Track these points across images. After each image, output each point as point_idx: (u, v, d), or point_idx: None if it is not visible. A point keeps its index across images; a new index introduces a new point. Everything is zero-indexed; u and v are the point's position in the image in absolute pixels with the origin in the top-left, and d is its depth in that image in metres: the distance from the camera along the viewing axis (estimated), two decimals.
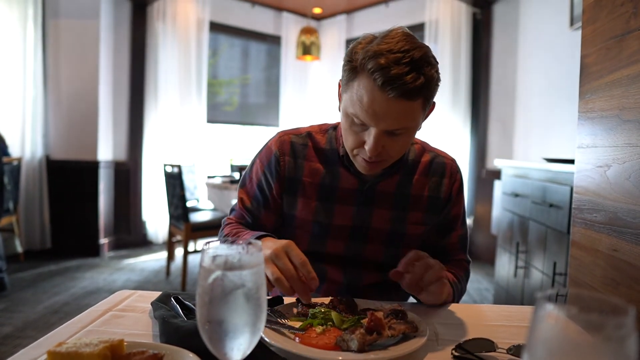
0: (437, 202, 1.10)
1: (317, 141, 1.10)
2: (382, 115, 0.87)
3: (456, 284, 1.05)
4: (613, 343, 0.34)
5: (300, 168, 1.08)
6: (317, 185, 1.08)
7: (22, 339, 2.44)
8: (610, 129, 0.97)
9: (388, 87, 0.83)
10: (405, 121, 0.89)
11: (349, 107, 0.91)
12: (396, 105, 0.85)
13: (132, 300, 0.95)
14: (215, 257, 0.53)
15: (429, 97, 0.91)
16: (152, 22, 4.72)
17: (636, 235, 0.87)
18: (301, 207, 1.08)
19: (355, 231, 1.08)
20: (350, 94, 0.90)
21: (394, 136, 0.91)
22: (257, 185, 1.12)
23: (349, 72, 0.90)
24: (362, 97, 0.87)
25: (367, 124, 0.89)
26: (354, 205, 1.07)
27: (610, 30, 0.99)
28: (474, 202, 4.67)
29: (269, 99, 5.78)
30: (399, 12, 5.08)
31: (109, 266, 4.04)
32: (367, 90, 0.86)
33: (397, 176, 1.08)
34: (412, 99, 0.85)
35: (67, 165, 4.30)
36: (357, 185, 1.06)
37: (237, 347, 0.51)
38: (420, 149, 1.13)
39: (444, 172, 1.11)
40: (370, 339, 0.70)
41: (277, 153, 1.09)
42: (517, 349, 0.71)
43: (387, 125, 0.88)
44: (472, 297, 3.41)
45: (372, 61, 0.84)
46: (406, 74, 0.83)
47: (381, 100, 0.85)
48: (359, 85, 0.88)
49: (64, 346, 0.59)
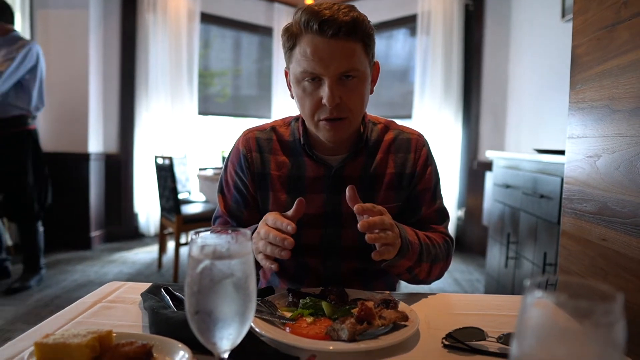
0: (403, 178, 1.10)
1: (281, 134, 1.12)
2: (328, 59, 0.92)
3: (427, 245, 1.01)
4: (601, 329, 0.34)
5: (267, 162, 1.10)
6: (285, 177, 1.09)
7: (12, 332, 2.42)
8: (600, 119, 0.98)
9: (325, 27, 0.90)
10: (352, 62, 0.93)
11: (297, 68, 0.96)
12: (338, 45, 0.92)
13: (122, 292, 0.94)
14: (204, 246, 0.52)
15: (367, 41, 0.96)
16: (143, 13, 4.65)
17: (625, 224, 0.87)
18: (273, 201, 1.10)
19: (329, 218, 1.08)
20: (295, 60, 0.97)
21: (347, 83, 0.95)
22: (234, 187, 1.13)
23: (289, 41, 0.97)
24: (306, 52, 0.93)
25: (317, 74, 0.94)
26: (323, 193, 1.08)
27: (600, 20, 0.99)
28: (466, 194, 4.69)
29: (261, 91, 5.74)
30: (391, 3, 5.06)
31: (100, 259, 4.02)
32: (307, 42, 0.93)
33: (362, 158, 1.09)
34: (349, 37, 0.92)
35: (57, 158, 4.24)
36: (323, 172, 1.07)
37: (227, 337, 0.51)
38: (384, 127, 1.14)
39: (409, 148, 1.11)
40: (360, 328, 0.70)
41: (243, 151, 1.11)
42: (506, 338, 0.71)
43: (336, 68, 0.92)
44: (463, 288, 3.44)
45: (305, 14, 0.93)
46: (337, 12, 0.91)
47: (322, 44, 0.92)
48: (300, 44, 0.95)
49: (52, 337, 0.58)
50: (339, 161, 1.07)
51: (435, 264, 1.04)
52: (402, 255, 0.93)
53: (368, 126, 1.11)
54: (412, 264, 0.97)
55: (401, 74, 5.25)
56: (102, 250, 4.31)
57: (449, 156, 4.57)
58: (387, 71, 5.33)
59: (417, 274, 1.02)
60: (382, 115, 1.19)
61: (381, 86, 5.25)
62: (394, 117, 5.04)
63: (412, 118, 4.74)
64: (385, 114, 5.14)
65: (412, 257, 0.96)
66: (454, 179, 4.62)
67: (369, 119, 1.13)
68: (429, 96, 4.61)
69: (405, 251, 0.93)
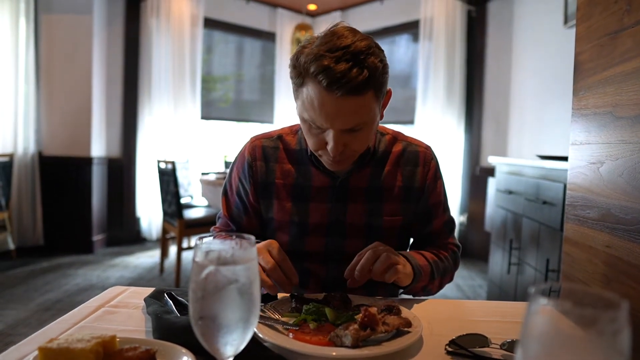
0: (412, 192, 1.10)
1: (288, 142, 1.12)
2: (335, 116, 0.87)
3: (436, 262, 1.06)
4: (606, 337, 0.34)
5: (272, 171, 1.10)
6: (290, 186, 1.09)
7: (14, 336, 2.42)
8: (603, 126, 0.98)
9: (334, 87, 0.83)
10: (359, 117, 0.89)
11: (304, 113, 0.92)
12: (347, 103, 0.86)
13: (125, 297, 0.94)
14: (208, 252, 0.52)
15: (379, 87, 0.90)
16: (146, 18, 4.68)
17: (629, 231, 0.87)
18: (277, 209, 1.10)
19: (332, 227, 1.08)
20: (301, 99, 0.91)
21: (353, 132, 0.91)
22: (237, 193, 1.15)
23: (296, 78, 0.91)
24: (313, 102, 0.87)
25: (322, 127, 0.90)
26: (328, 202, 1.08)
27: (603, 27, 0.99)
28: (468, 200, 4.68)
29: (264, 96, 5.76)
30: (394, 9, 5.07)
31: (102, 263, 4.02)
32: (315, 93, 0.87)
33: (369, 169, 1.08)
34: (360, 93, 0.86)
35: (60, 162, 4.26)
36: (329, 182, 1.07)
37: (230, 342, 0.51)
38: (392, 139, 1.13)
39: (417, 161, 1.10)
40: (363, 334, 0.70)
41: (249, 159, 1.11)
42: (510, 345, 0.71)
43: (342, 125, 0.88)
44: (465, 294, 3.43)
45: (315, 64, 0.84)
46: (349, 70, 0.83)
47: (331, 101, 0.85)
48: (307, 90, 0.88)
49: (56, 342, 0.58)
50: (345, 172, 1.07)
51: (446, 276, 1.11)
52: (417, 280, 0.99)
53: (376, 137, 1.11)
54: (425, 283, 1.04)
55: (404, 80, 5.26)
56: (104, 255, 4.31)
57: (451, 162, 4.57)
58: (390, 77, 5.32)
59: (430, 289, 1.08)
60: (384, 121, 1.19)
61: None
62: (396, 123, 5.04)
63: (415, 124, 4.74)
64: (387, 119, 5.13)
65: (425, 278, 1.02)
66: (456, 185, 4.62)
67: (377, 130, 1.13)
68: (432, 102, 4.61)
69: (419, 276, 0.99)
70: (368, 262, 0.90)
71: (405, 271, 0.93)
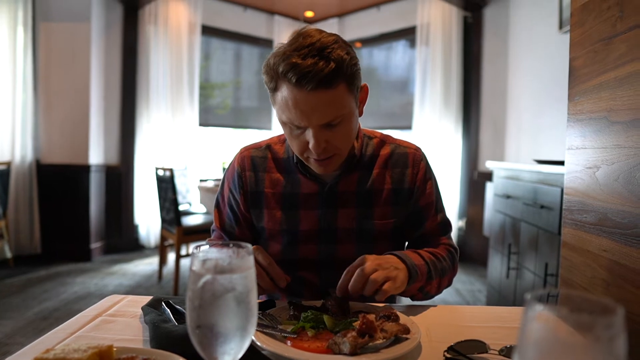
0: (401, 194, 1.09)
1: (276, 152, 1.13)
2: (311, 112, 0.89)
3: (433, 262, 1.03)
4: (602, 343, 0.34)
5: (261, 181, 1.11)
6: (279, 195, 1.09)
7: (11, 345, 2.41)
8: (598, 131, 0.98)
9: (303, 81, 0.85)
10: (335, 110, 0.90)
11: (282, 116, 0.94)
12: (319, 97, 0.87)
13: (123, 305, 0.94)
14: (206, 260, 0.52)
15: (351, 80, 0.92)
16: (144, 26, 4.70)
17: (625, 235, 0.87)
18: (267, 218, 1.10)
19: (324, 234, 1.08)
20: (278, 103, 0.93)
21: (332, 127, 0.92)
22: (228, 205, 1.15)
23: (270, 82, 0.93)
24: (287, 102, 0.89)
25: (300, 125, 0.91)
26: (317, 209, 1.08)
27: (597, 33, 1.00)
28: (467, 204, 4.69)
29: (262, 102, 5.77)
30: (391, 15, 5.10)
31: (100, 271, 4.00)
32: (288, 93, 0.89)
33: (357, 173, 1.08)
34: (331, 86, 0.87)
35: (58, 169, 4.26)
36: (317, 188, 1.07)
37: (228, 351, 0.51)
38: (379, 142, 1.12)
39: (407, 162, 1.10)
40: (362, 341, 0.70)
41: (238, 170, 1.12)
42: (508, 351, 0.71)
43: (319, 120, 0.90)
44: (464, 299, 3.42)
45: (283, 63, 0.87)
46: (315, 64, 0.85)
47: (303, 98, 0.87)
48: (281, 91, 0.91)
49: (52, 352, 0.58)
50: (333, 177, 1.07)
51: (444, 276, 1.07)
52: (413, 280, 0.96)
53: (363, 141, 1.11)
54: (423, 284, 1.01)
55: (401, 85, 5.28)
56: (102, 262, 4.30)
57: (449, 166, 4.58)
58: (387, 82, 5.36)
59: (428, 291, 1.04)
60: (381, 127, 1.20)
61: (381, 97, 5.28)
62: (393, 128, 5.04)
63: (412, 129, 4.75)
64: (385, 125, 5.16)
65: (422, 278, 0.99)
66: (454, 190, 4.63)
67: (365, 133, 1.13)
68: (429, 107, 4.63)
69: (415, 276, 0.96)
70: (357, 284, 0.89)
71: (395, 285, 0.90)
